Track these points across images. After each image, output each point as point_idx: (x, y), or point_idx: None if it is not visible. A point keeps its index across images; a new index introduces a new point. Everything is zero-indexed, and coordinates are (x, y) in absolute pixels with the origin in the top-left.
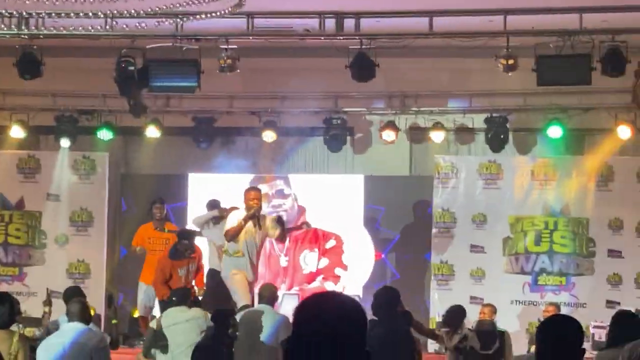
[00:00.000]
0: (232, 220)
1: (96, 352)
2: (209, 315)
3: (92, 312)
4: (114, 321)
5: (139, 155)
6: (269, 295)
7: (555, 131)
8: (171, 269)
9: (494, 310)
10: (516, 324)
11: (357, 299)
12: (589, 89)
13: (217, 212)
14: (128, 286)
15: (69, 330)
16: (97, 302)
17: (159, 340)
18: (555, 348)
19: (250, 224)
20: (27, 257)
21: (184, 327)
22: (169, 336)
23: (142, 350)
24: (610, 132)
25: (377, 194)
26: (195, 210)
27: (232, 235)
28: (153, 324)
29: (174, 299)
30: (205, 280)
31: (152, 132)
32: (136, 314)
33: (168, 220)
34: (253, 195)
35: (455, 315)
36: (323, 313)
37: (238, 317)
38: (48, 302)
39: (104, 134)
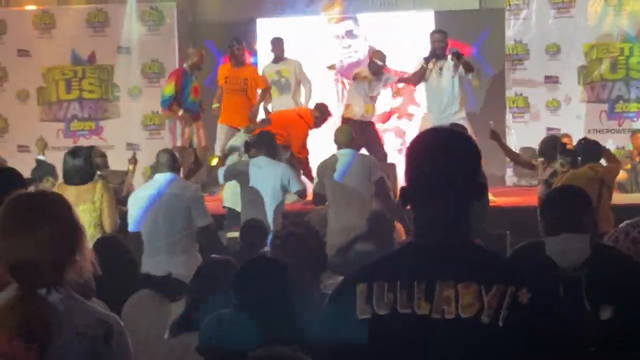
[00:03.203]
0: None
1: (194, 202)
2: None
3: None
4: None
5: (206, 2)
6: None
7: None
8: None
9: (571, 141)
10: None
11: None
12: None
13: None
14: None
15: (162, 181)
16: None
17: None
18: None
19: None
20: (103, 110)
21: None
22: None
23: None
24: None
25: (448, 30)
26: (265, 56)
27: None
28: None
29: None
30: None
31: None
32: (213, 162)
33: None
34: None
35: (551, 144)
36: (437, 147)
37: None
38: (133, 161)
39: None
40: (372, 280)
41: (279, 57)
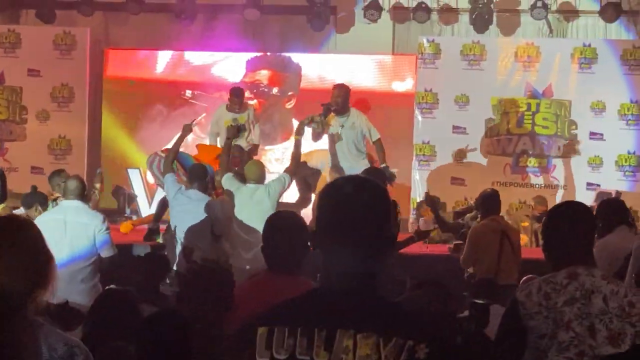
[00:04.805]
0: None
1: (99, 232)
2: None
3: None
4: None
5: (120, 31)
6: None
7: (539, 13)
8: None
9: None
10: None
11: None
12: None
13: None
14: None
15: (69, 208)
16: None
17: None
18: (571, 232)
19: None
20: (8, 132)
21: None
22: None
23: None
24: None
25: (360, 74)
26: None
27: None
28: None
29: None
30: None
31: (133, 7)
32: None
33: None
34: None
35: (492, 201)
36: (348, 195)
37: None
38: (100, 178)
39: (85, 10)
40: (274, 324)
41: (237, 107)
